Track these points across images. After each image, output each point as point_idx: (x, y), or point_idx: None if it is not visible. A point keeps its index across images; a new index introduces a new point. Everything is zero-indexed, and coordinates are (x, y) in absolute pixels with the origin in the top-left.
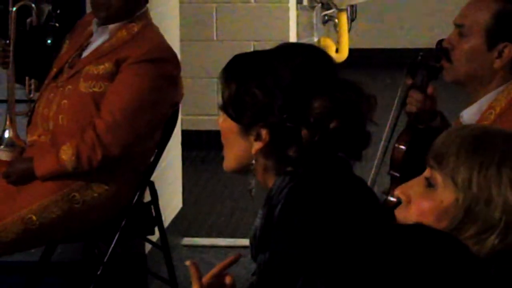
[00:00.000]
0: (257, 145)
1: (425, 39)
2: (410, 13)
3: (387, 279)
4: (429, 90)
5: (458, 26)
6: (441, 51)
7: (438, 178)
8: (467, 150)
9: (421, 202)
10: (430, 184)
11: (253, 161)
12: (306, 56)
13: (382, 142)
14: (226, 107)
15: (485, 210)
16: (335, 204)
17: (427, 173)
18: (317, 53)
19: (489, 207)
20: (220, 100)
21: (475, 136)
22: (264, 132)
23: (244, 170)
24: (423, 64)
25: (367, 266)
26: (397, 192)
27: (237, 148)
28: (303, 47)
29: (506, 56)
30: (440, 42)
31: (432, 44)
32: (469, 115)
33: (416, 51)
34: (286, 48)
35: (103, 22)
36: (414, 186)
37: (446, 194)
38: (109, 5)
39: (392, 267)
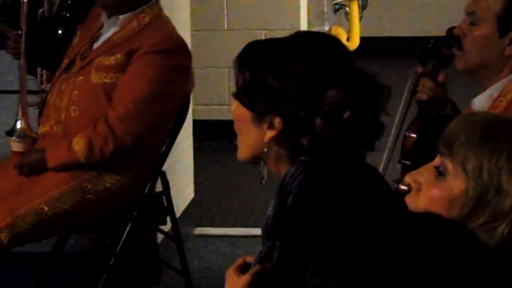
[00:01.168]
0: (270, 133)
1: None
2: (421, 1)
3: (396, 268)
4: (440, 78)
5: (469, 13)
6: (452, 39)
7: (449, 165)
8: (478, 138)
9: (431, 190)
10: (440, 172)
11: (265, 149)
12: (321, 45)
13: (393, 130)
14: (240, 95)
15: (495, 199)
16: (346, 195)
17: (437, 160)
18: (332, 43)
19: (499, 196)
20: (232, 88)
21: (485, 123)
22: (277, 121)
23: (258, 160)
24: (433, 51)
25: (376, 255)
26: (407, 178)
27: (250, 136)
28: (318, 36)
29: None
30: (450, 29)
31: (443, 32)
32: (480, 102)
33: (428, 39)
34: (302, 37)
35: (110, 15)
36: (425, 173)
37: (456, 182)
38: None
39: (400, 257)
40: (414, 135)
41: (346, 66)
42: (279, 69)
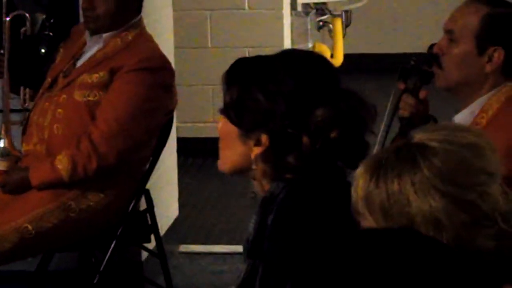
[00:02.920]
0: (257, 150)
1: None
2: (405, 18)
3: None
4: (421, 94)
5: (447, 31)
6: (431, 57)
7: (367, 224)
8: (369, 184)
9: None
10: None
11: (254, 166)
12: (310, 63)
13: (376, 147)
14: (227, 111)
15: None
16: (326, 213)
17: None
18: (320, 61)
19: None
20: (216, 106)
21: (371, 167)
22: (264, 138)
23: (240, 173)
24: (415, 68)
25: (355, 274)
26: None
27: (235, 152)
28: (306, 54)
29: (496, 60)
30: (431, 46)
31: (425, 49)
32: (461, 119)
33: (411, 56)
34: (290, 55)
35: (93, 33)
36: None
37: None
38: (96, 17)
39: (381, 275)
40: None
41: (333, 85)
42: (267, 86)
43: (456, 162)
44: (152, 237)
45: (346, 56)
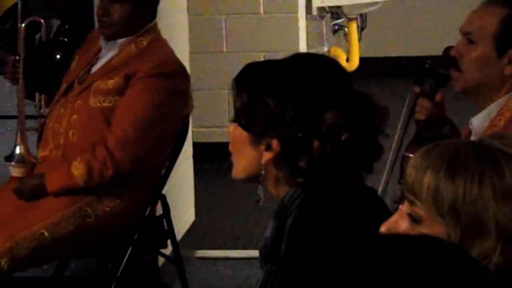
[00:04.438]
0: (268, 155)
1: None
2: (420, 20)
3: None
4: (437, 97)
5: (465, 33)
6: (449, 60)
7: (421, 213)
8: (443, 176)
9: None
10: (414, 219)
11: (262, 172)
12: (319, 67)
13: (392, 151)
14: (238, 116)
15: (478, 242)
16: (345, 218)
17: (406, 208)
18: (330, 64)
19: (481, 238)
20: (232, 111)
21: (446, 158)
22: (275, 143)
23: (253, 179)
24: (430, 71)
25: (375, 280)
26: (383, 229)
27: (246, 158)
28: (316, 57)
29: None
30: (447, 49)
31: (441, 52)
32: (478, 122)
33: (427, 58)
34: (299, 59)
35: (109, 39)
36: (399, 222)
37: (435, 229)
38: (111, 23)
39: (401, 281)
40: (412, 156)
41: (343, 87)
42: (276, 91)
43: None
44: (169, 242)
45: (362, 60)
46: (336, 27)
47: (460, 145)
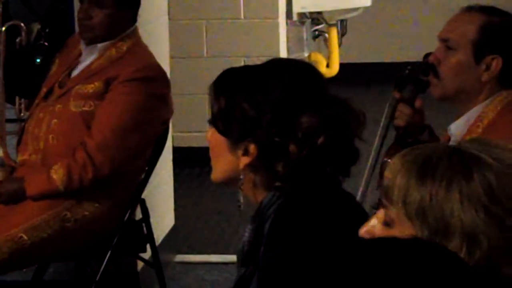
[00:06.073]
0: (245, 160)
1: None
2: (400, 27)
3: None
4: (417, 103)
5: (443, 40)
6: (428, 67)
7: (393, 215)
8: (414, 178)
9: None
10: (387, 223)
11: (241, 176)
12: (296, 72)
13: (371, 156)
14: (215, 121)
15: (444, 241)
16: (323, 222)
17: (381, 212)
18: (306, 69)
19: (448, 237)
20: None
21: (418, 161)
22: (252, 147)
23: (232, 182)
24: (410, 77)
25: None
26: (361, 231)
27: (224, 162)
28: (293, 63)
29: (494, 68)
30: (427, 55)
31: (422, 58)
32: (457, 128)
33: (407, 65)
34: (276, 64)
35: (89, 43)
36: (376, 226)
37: (405, 232)
38: (92, 27)
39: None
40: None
41: (319, 92)
42: (253, 95)
43: (509, 185)
44: (148, 246)
45: (342, 66)
46: (317, 32)
47: (435, 149)
